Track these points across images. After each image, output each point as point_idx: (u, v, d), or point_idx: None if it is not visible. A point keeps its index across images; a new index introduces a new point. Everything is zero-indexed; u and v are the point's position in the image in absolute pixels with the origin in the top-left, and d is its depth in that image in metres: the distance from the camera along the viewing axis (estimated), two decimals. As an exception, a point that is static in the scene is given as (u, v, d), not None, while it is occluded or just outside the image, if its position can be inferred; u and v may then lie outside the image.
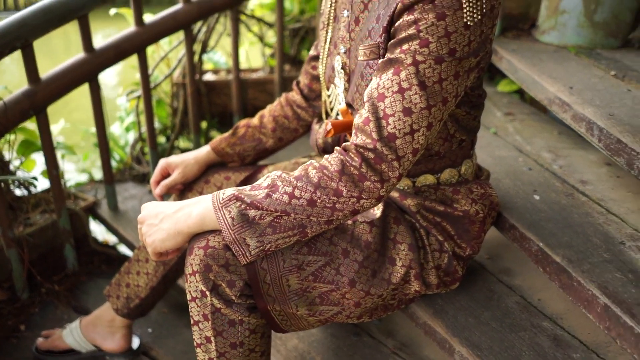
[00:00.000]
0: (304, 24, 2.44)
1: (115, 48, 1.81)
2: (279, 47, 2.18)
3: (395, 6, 0.86)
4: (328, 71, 1.16)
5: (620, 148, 1.08)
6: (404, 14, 0.85)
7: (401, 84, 0.85)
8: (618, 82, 1.53)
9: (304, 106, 1.32)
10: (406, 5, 0.84)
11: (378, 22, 0.93)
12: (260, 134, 1.34)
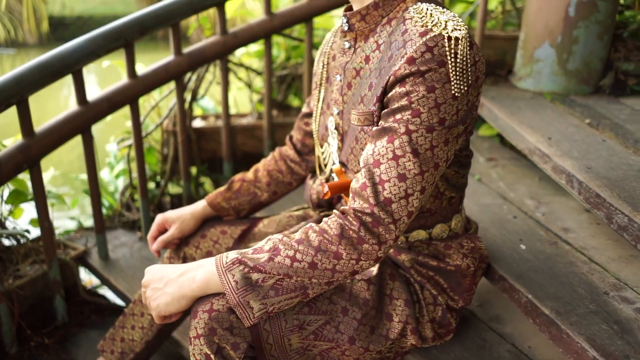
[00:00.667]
0: (290, 70, 2.51)
1: (108, 100, 1.85)
2: (267, 94, 2.24)
3: (388, 78, 0.92)
4: (321, 130, 1.21)
5: (600, 202, 1.15)
6: (396, 86, 0.91)
7: (395, 151, 0.90)
8: (593, 132, 1.62)
9: (298, 161, 1.37)
10: (398, 78, 0.90)
11: (371, 90, 0.99)
12: (255, 188, 1.37)
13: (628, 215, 1.05)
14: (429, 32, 0.89)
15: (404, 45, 0.91)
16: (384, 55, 0.97)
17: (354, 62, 1.05)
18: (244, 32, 2.12)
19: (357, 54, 1.06)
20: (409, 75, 0.89)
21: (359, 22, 1.04)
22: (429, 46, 0.88)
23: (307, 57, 2.25)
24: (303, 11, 2.17)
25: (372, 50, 1.01)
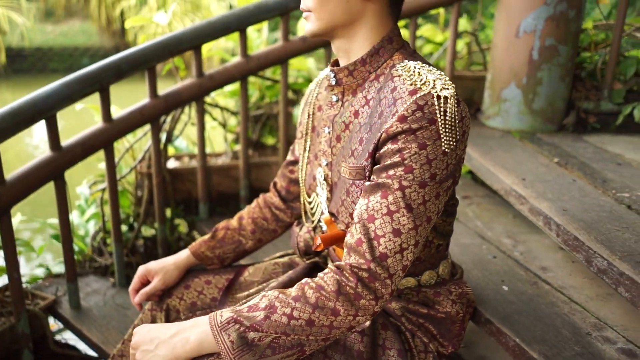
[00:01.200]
0: (265, 110, 2.53)
1: (82, 144, 1.81)
2: (243, 135, 2.24)
3: (380, 135, 0.95)
4: (309, 179, 1.22)
5: (578, 245, 1.19)
6: (388, 143, 0.93)
7: (389, 207, 0.91)
8: (563, 171, 1.69)
9: (283, 208, 1.37)
10: (390, 135, 0.93)
11: (361, 145, 1.01)
12: (239, 236, 1.36)
13: (607, 259, 1.10)
14: (418, 90, 0.92)
15: (394, 103, 0.94)
16: (374, 111, 0.99)
17: (343, 116, 1.08)
18: (220, 74, 2.13)
19: (345, 107, 1.08)
20: (400, 132, 0.92)
21: (347, 77, 1.07)
22: (420, 105, 0.91)
23: (283, 98, 2.27)
24: (278, 54, 2.21)
25: (361, 105, 1.04)
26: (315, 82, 1.29)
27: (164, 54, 1.96)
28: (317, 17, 1.01)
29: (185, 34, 2.00)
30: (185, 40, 2.00)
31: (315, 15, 1.01)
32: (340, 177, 1.08)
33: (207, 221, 2.27)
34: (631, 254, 1.11)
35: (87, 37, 13.76)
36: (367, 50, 1.03)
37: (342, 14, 1.00)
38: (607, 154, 1.90)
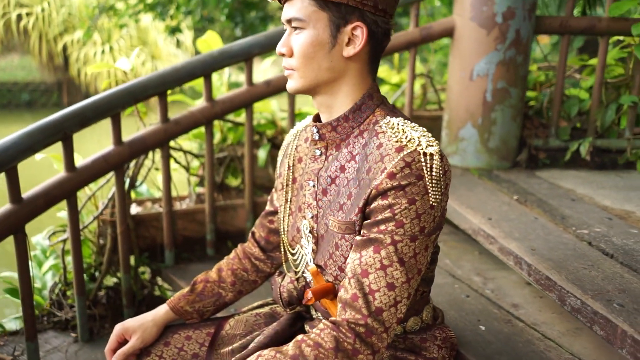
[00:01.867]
0: (228, 152, 2.52)
1: (45, 195, 1.75)
2: (210, 179, 2.23)
3: (370, 191, 0.97)
4: (292, 231, 1.23)
5: (551, 284, 1.26)
6: (378, 199, 0.96)
7: (383, 261, 0.94)
8: (524, 209, 1.78)
9: (263, 258, 1.36)
10: (380, 192, 0.96)
11: (350, 200, 1.04)
12: (219, 289, 1.35)
13: (580, 298, 1.16)
14: (404, 148, 0.96)
15: (382, 160, 0.98)
16: (361, 167, 1.02)
17: (328, 170, 1.10)
18: (186, 119, 2.12)
19: (329, 161, 1.10)
20: (390, 189, 0.95)
21: (330, 132, 1.10)
22: (407, 162, 0.95)
23: (248, 141, 2.28)
24: (243, 98, 2.23)
25: (347, 160, 1.07)
26: (292, 134, 1.31)
27: (128, 100, 1.94)
28: (300, 75, 1.04)
29: (150, 81, 1.99)
30: (150, 86, 1.99)
31: (299, 74, 1.04)
32: (328, 230, 1.09)
33: (173, 268, 2.21)
34: (601, 292, 1.18)
35: (27, 72, 13.30)
36: (350, 107, 1.07)
37: (325, 72, 1.04)
38: (561, 190, 2.02)
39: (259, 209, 2.44)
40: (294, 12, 1.00)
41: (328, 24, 1.00)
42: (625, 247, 1.43)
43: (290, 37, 1.03)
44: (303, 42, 1.01)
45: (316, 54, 1.01)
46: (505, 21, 2.20)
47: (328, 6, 0.99)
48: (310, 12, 0.99)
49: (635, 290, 1.19)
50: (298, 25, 1.01)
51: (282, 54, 1.04)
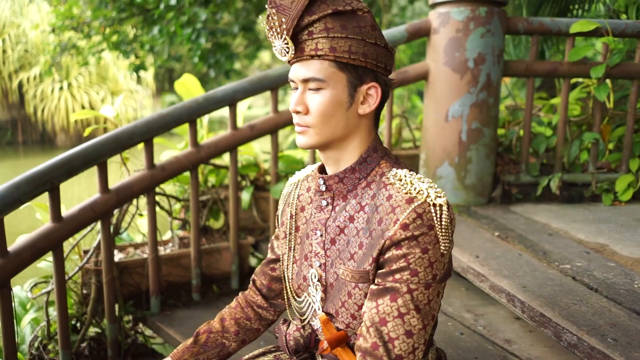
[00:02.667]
0: (211, 194, 2.53)
1: (31, 247, 1.71)
2: (195, 222, 2.22)
3: (384, 242, 1.02)
4: (298, 279, 1.25)
5: (545, 321, 1.32)
6: (392, 249, 1.01)
7: (400, 309, 0.98)
8: (507, 246, 1.86)
9: (265, 306, 1.37)
10: (394, 242, 1.00)
11: (362, 249, 1.07)
12: (223, 339, 1.34)
13: (576, 334, 1.23)
14: (414, 199, 1.02)
15: (393, 211, 1.02)
16: (371, 218, 1.07)
17: (337, 220, 1.13)
18: (171, 164, 2.13)
19: (337, 212, 1.14)
20: (404, 239, 0.99)
21: (337, 184, 1.14)
22: (418, 213, 1.00)
23: (232, 184, 2.30)
24: (227, 142, 2.26)
25: (356, 211, 1.11)
26: (293, 183, 1.34)
27: (116, 148, 1.94)
28: (316, 132, 1.08)
29: (137, 128, 2.00)
30: (137, 133, 1.99)
31: (315, 131, 1.08)
32: (338, 278, 1.12)
33: (160, 315, 2.17)
34: (594, 327, 1.25)
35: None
36: (356, 159, 1.12)
37: (341, 129, 1.09)
38: (537, 225, 2.13)
39: (243, 251, 2.44)
40: (312, 73, 1.04)
41: (346, 85, 1.06)
42: (607, 281, 1.52)
43: (304, 95, 1.07)
44: (322, 101, 1.05)
45: (335, 112, 1.06)
46: (477, 66, 2.33)
47: (347, 68, 1.05)
48: (330, 73, 1.04)
49: (624, 324, 1.27)
50: (317, 86, 1.05)
51: (297, 111, 1.08)
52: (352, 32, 1.02)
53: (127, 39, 6.95)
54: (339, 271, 1.12)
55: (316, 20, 1.01)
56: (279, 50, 1.05)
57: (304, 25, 1.01)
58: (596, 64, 2.48)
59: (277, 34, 1.03)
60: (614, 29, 2.45)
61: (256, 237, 2.53)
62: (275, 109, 2.36)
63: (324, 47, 1.02)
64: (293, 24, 1.01)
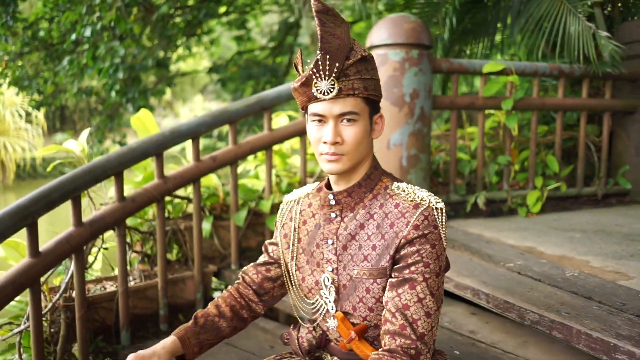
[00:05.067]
0: (171, 225, 2.57)
1: (12, 284, 1.69)
2: (162, 254, 2.26)
3: (399, 241, 1.22)
4: (308, 284, 1.41)
5: (509, 306, 1.59)
6: (406, 246, 1.22)
7: (419, 295, 1.18)
8: (457, 253, 2.15)
9: (256, 300, 1.49)
10: (408, 240, 1.21)
11: (375, 250, 1.26)
12: (219, 323, 1.43)
13: (537, 312, 1.50)
14: (419, 205, 1.24)
15: (403, 215, 1.24)
16: (382, 223, 1.27)
17: (347, 229, 1.32)
18: (141, 195, 2.18)
19: (346, 222, 1.33)
20: (416, 237, 1.21)
21: (345, 197, 1.33)
22: (425, 215, 1.22)
23: (196, 214, 2.38)
24: (192, 173, 2.35)
25: (366, 219, 1.30)
26: (293, 200, 1.50)
27: (90, 180, 1.97)
28: (349, 158, 1.27)
29: (109, 161, 2.04)
30: (109, 167, 2.04)
31: (348, 157, 1.26)
32: (352, 279, 1.30)
33: (130, 348, 2.16)
34: (549, 306, 1.54)
35: None
36: (362, 176, 1.33)
37: (364, 153, 1.29)
38: (473, 235, 2.45)
39: (207, 279, 2.51)
40: (349, 108, 1.22)
41: (368, 116, 1.27)
42: (545, 273, 1.84)
43: (337, 127, 1.26)
44: (357, 132, 1.24)
45: (363, 140, 1.26)
46: (412, 100, 2.66)
47: (370, 102, 1.26)
48: (362, 108, 1.25)
49: (569, 302, 1.58)
50: (353, 118, 1.24)
51: (336, 142, 1.25)
52: (371, 73, 1.25)
53: (28, 74, 6.64)
54: (352, 272, 1.30)
55: (351, 65, 1.21)
56: (323, 90, 1.21)
57: (344, 69, 1.21)
58: (505, 98, 2.93)
59: (324, 76, 1.21)
60: (516, 69, 2.93)
61: (217, 265, 2.61)
62: (235, 141, 2.50)
63: (359, 87, 1.22)
64: (342, 67, 1.20)
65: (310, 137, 1.31)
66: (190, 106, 19.60)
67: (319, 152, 1.28)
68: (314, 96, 1.23)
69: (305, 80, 1.23)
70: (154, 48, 6.44)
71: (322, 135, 1.25)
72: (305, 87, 1.24)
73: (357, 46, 1.24)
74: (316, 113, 1.24)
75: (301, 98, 1.28)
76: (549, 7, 3.16)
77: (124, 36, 5.26)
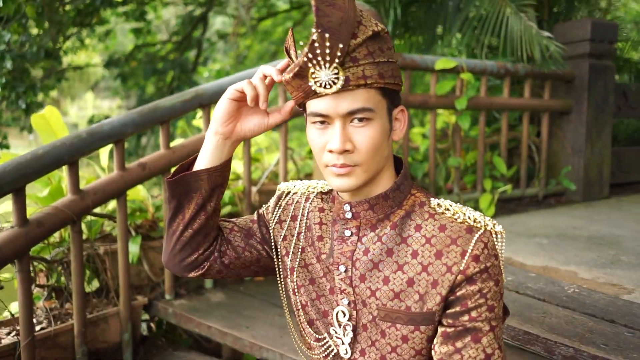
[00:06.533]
0: (86, 250, 2.07)
1: None
2: (79, 286, 1.78)
3: (455, 277, 0.92)
4: (312, 314, 1.06)
5: (532, 338, 1.36)
6: (465, 284, 0.92)
7: (485, 350, 0.89)
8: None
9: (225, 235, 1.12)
10: (468, 276, 0.92)
11: (412, 286, 0.95)
12: None
13: (572, 346, 1.28)
14: (474, 228, 0.95)
15: (454, 242, 0.94)
16: (422, 251, 0.96)
17: (369, 254, 0.99)
18: (49, 217, 1.68)
19: (365, 243, 1.00)
20: (477, 272, 0.92)
21: (366, 211, 1.00)
22: (484, 242, 0.93)
23: (122, 234, 1.91)
24: (116, 185, 1.88)
25: (397, 243, 0.98)
26: (301, 193, 1.13)
27: (-21, 201, 1.45)
28: (365, 169, 0.94)
29: (5, 173, 1.54)
30: (5, 181, 1.54)
31: (364, 168, 0.93)
32: (376, 320, 0.98)
33: (40, 416, 1.66)
34: (581, 336, 1.33)
35: None
36: (389, 186, 1.01)
37: (384, 161, 0.97)
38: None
39: (135, 315, 2.04)
40: (361, 103, 0.90)
41: (386, 111, 0.95)
42: (545, 291, 1.65)
43: (347, 130, 0.93)
44: (373, 134, 0.91)
45: (382, 144, 0.94)
46: (370, 97, 2.39)
47: (387, 93, 0.94)
48: (377, 102, 0.92)
49: (597, 328, 1.38)
50: (366, 116, 0.91)
51: (346, 150, 0.92)
52: (387, 54, 0.93)
53: None
54: (376, 312, 0.98)
55: (360, 45, 0.89)
56: (324, 82, 0.88)
57: (350, 51, 0.88)
58: (458, 97, 2.77)
59: (324, 63, 0.87)
60: (468, 66, 2.78)
61: (148, 296, 2.14)
62: (167, 144, 2.06)
63: (372, 74, 0.89)
64: (347, 48, 0.86)
65: (311, 143, 0.97)
66: (80, 104, 17.87)
67: (324, 163, 0.95)
68: (313, 90, 0.90)
69: (298, 71, 0.88)
70: (42, 36, 5.60)
71: (327, 142, 0.92)
72: (300, 79, 0.90)
73: (366, 19, 0.91)
74: (317, 112, 0.91)
75: (295, 93, 0.94)
76: (490, 5, 3.06)
77: (9, 19, 4.45)
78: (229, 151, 1.05)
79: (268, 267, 1.15)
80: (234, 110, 1.01)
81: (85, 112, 16.63)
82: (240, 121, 1.03)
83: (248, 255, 1.12)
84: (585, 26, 3.19)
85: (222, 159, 1.04)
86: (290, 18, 9.16)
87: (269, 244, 1.13)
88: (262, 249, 1.12)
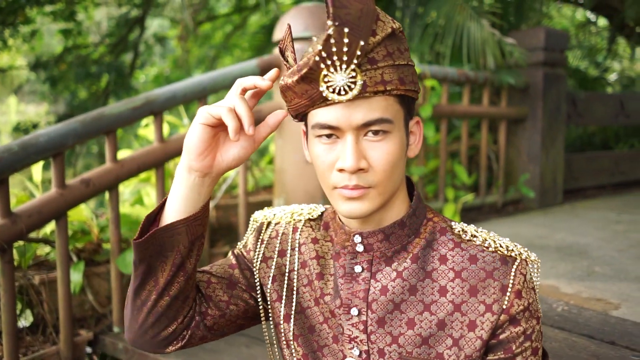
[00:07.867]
0: (19, 281, 1.78)
1: None
2: (11, 326, 1.51)
3: (498, 317, 0.78)
4: None
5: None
6: (509, 325, 0.79)
7: (532, 399, 0.76)
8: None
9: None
10: (512, 316, 0.78)
11: (444, 330, 0.81)
12: None
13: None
14: (509, 259, 0.82)
15: (490, 276, 0.80)
16: (453, 287, 0.82)
17: (387, 294, 0.84)
18: (-26, 247, 1.40)
19: (381, 280, 0.85)
20: (521, 311, 0.79)
21: (381, 242, 0.85)
22: (523, 273, 0.81)
23: (62, 261, 1.65)
24: (56, 205, 1.63)
25: (420, 279, 0.84)
26: (286, 223, 0.95)
27: None
28: (380, 191, 0.78)
29: None
30: None
31: (379, 190, 0.78)
32: None
33: None
34: None
35: None
36: (405, 212, 0.86)
37: (399, 182, 0.82)
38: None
39: (78, 352, 1.77)
40: (379, 113, 0.74)
41: (403, 123, 0.80)
42: (547, 314, 1.57)
43: (360, 145, 0.77)
44: (392, 149, 0.76)
45: (399, 161, 0.79)
46: (336, 104, 2.25)
47: (405, 101, 0.79)
48: (396, 111, 0.77)
49: (601, 353, 1.30)
50: (384, 129, 0.75)
51: (360, 169, 0.76)
52: (405, 56, 0.78)
53: None
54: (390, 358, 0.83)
55: (379, 43, 0.73)
56: (339, 87, 0.72)
57: (369, 51, 0.73)
58: (422, 104, 2.68)
59: (340, 64, 0.71)
60: (431, 72, 2.70)
61: (93, 330, 1.87)
62: (114, 157, 1.82)
63: (392, 79, 0.75)
64: (366, 46, 0.71)
65: (315, 161, 0.80)
66: (2, 109, 16.59)
67: (332, 184, 0.79)
68: (322, 97, 0.74)
69: (307, 73, 0.72)
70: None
71: (336, 159, 0.77)
72: (307, 83, 0.73)
73: (382, 14, 0.76)
74: (325, 124, 0.75)
75: (297, 101, 0.78)
76: (450, 11, 3.02)
77: None
78: (207, 191, 0.80)
79: (256, 316, 0.97)
80: (210, 138, 0.77)
81: (7, 118, 15.43)
82: (220, 150, 0.79)
83: (234, 309, 0.92)
84: (539, 35, 3.21)
85: (201, 202, 0.80)
86: (230, 22, 8.90)
87: (256, 290, 0.95)
88: (249, 298, 0.94)
